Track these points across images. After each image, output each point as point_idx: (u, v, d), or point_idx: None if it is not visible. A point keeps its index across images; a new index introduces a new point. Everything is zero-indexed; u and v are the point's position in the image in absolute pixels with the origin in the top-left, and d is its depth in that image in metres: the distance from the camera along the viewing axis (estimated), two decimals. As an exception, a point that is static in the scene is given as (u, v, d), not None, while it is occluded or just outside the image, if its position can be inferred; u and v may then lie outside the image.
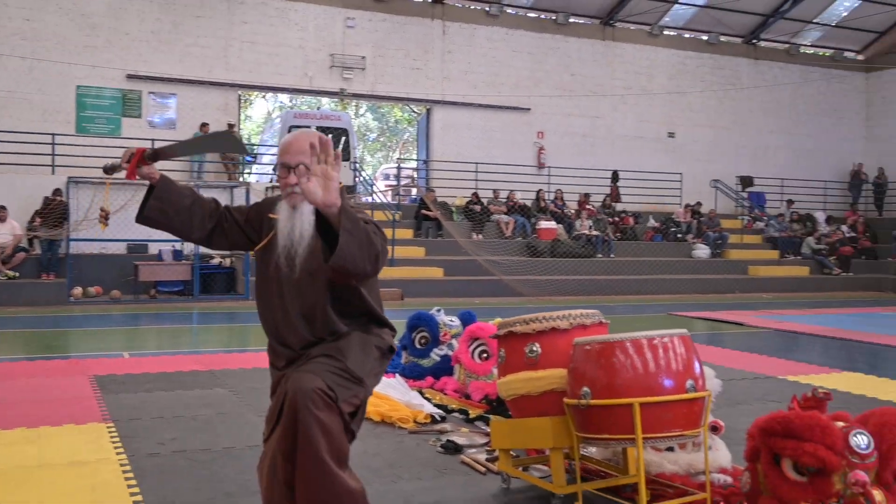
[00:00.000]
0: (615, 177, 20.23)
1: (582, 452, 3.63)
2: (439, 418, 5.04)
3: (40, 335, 9.89)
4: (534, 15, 20.52)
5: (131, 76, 16.74)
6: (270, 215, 2.75)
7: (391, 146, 35.96)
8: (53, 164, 15.24)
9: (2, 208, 13.77)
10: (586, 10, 20.71)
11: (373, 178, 24.01)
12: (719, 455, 3.88)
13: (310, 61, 18.21)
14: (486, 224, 17.75)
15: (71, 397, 5.74)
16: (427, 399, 5.51)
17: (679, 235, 19.44)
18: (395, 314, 4.23)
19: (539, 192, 19.01)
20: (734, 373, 6.95)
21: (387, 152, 35.85)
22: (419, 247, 16.44)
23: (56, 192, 14.26)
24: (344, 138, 17.55)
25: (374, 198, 19.48)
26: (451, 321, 6.25)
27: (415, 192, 21.09)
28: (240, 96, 18.98)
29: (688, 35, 22.18)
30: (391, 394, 5.41)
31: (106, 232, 14.06)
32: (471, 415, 5.12)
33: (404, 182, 22.47)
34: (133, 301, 13.70)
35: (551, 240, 17.56)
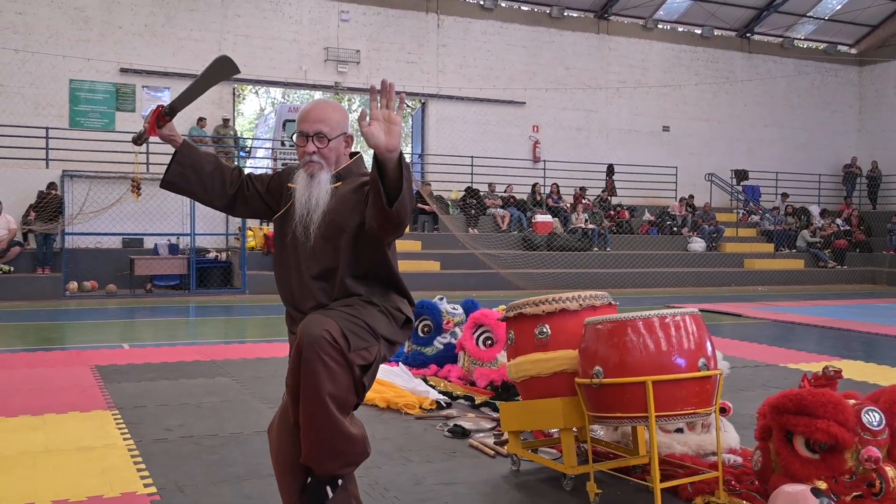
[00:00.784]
0: (610, 170, 20.26)
1: (591, 434, 3.62)
2: (445, 404, 5.04)
3: (38, 328, 9.83)
4: (528, 8, 20.50)
5: (125, 70, 16.65)
6: (289, 184, 2.74)
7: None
8: (47, 158, 15.15)
9: (-4, 202, 13.72)
10: (580, 4, 20.72)
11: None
12: (728, 436, 3.90)
13: (304, 55, 18.15)
14: (482, 218, 17.75)
15: (73, 386, 5.70)
16: (432, 386, 5.50)
17: (675, 229, 19.50)
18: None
19: (535, 185, 19.02)
20: (735, 361, 6.95)
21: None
22: (415, 240, 16.42)
23: (51, 186, 14.18)
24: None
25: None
26: (453, 309, 6.25)
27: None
28: (234, 90, 18.90)
29: (682, 28, 22.21)
30: (395, 381, 5.40)
31: (101, 226, 14.07)
32: (476, 401, 5.12)
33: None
34: (129, 295, 13.65)
35: (548, 233, 17.58)
